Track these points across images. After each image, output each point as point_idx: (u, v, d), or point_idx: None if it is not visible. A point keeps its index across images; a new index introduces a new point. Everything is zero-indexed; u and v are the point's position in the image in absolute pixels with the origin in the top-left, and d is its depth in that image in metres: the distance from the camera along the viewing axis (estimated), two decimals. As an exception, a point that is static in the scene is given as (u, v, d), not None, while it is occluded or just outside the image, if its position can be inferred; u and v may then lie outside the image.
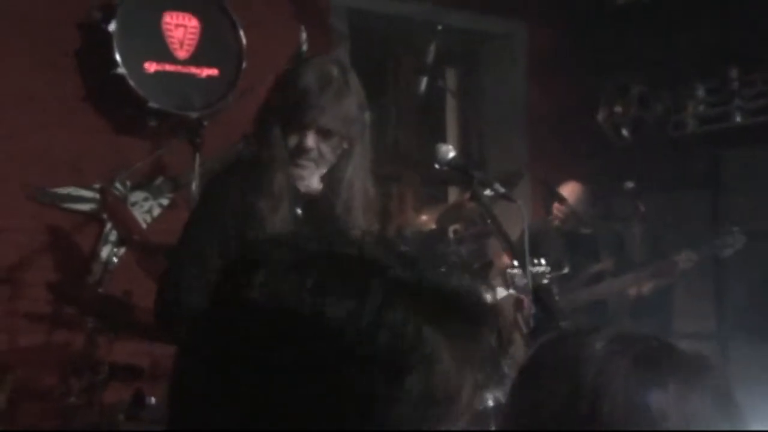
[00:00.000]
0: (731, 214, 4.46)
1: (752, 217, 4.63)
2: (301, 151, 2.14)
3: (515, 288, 2.91)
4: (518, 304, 4.46)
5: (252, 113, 3.91)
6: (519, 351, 3.78)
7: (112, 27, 3.64)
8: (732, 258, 4.80)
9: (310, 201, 2.22)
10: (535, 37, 5.45)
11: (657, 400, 0.90)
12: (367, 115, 2.23)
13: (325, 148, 2.15)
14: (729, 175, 4.92)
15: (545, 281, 3.33)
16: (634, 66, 5.33)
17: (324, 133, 2.13)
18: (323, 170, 2.20)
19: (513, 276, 2.92)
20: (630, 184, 4.45)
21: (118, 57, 3.66)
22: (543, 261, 3.34)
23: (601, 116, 5.44)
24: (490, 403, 4.26)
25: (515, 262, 2.95)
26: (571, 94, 5.40)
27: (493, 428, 1.07)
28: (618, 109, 5.42)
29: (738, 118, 4.90)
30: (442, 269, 0.76)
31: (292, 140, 2.14)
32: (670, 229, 4.52)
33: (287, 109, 2.13)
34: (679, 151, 5.11)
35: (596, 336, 0.98)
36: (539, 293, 2.29)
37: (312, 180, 2.20)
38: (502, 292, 2.80)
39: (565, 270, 3.69)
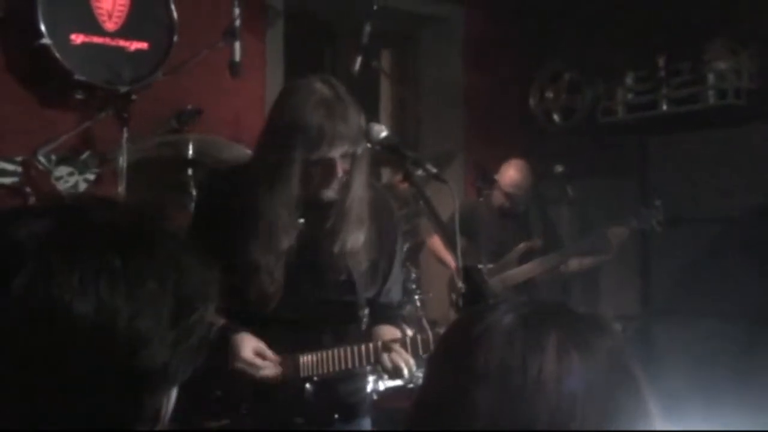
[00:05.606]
0: (657, 199, 4.55)
1: (677, 203, 4.74)
2: (331, 179, 2.24)
3: None
4: (454, 284, 4.50)
5: (182, 89, 3.81)
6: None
7: (37, -5, 3.52)
8: (657, 243, 4.91)
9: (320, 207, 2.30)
10: (472, 22, 5.47)
11: (533, 354, 0.90)
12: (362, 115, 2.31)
13: (347, 164, 2.26)
14: (655, 161, 5.03)
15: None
16: (567, 53, 5.40)
17: (346, 156, 2.23)
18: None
19: None
20: (560, 168, 4.51)
21: (43, 27, 3.55)
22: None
23: (533, 101, 5.51)
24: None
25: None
26: (505, 79, 5.45)
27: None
28: (549, 94, 5.50)
29: (665, 107, 5.01)
30: None
31: (318, 173, 2.23)
32: (598, 213, 4.60)
33: (304, 148, 2.19)
34: (607, 138, 5.21)
35: (500, 307, 0.98)
36: (469, 272, 2.29)
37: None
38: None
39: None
